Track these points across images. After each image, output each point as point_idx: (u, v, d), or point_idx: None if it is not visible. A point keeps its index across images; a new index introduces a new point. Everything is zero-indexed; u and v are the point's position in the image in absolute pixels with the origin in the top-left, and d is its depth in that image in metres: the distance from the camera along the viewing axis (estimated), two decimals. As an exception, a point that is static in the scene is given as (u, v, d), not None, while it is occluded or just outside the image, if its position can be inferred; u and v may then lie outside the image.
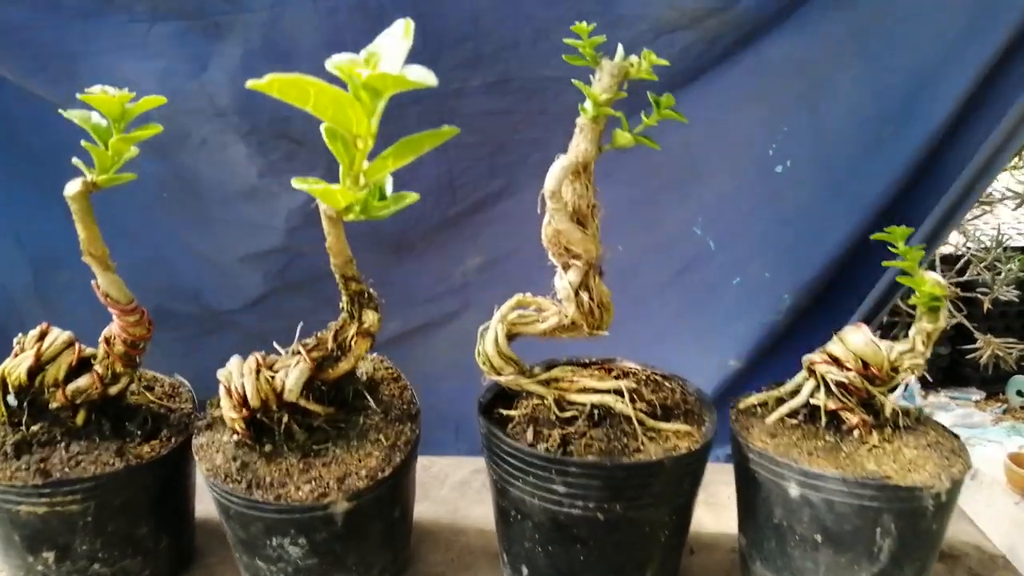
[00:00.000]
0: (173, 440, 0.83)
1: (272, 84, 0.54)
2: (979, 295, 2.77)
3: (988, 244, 2.80)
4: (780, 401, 0.87)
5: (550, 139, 0.92)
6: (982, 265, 2.74)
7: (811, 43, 1.29)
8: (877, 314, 1.30)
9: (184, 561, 0.91)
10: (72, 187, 0.72)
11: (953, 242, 3.08)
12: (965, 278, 2.83)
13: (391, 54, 0.57)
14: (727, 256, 1.41)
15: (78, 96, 0.71)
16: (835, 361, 0.83)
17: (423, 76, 0.54)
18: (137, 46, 1.28)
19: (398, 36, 0.58)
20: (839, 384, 0.82)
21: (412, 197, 0.71)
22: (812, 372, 0.84)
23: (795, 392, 0.86)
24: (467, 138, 1.23)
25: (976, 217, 3.02)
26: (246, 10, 1.20)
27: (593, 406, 0.81)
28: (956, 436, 0.84)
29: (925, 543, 0.77)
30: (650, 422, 0.80)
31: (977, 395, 4.90)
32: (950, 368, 4.80)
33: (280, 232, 1.39)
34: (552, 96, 1.29)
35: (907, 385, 4.64)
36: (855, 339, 0.82)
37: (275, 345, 0.84)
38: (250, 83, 0.54)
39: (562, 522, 0.76)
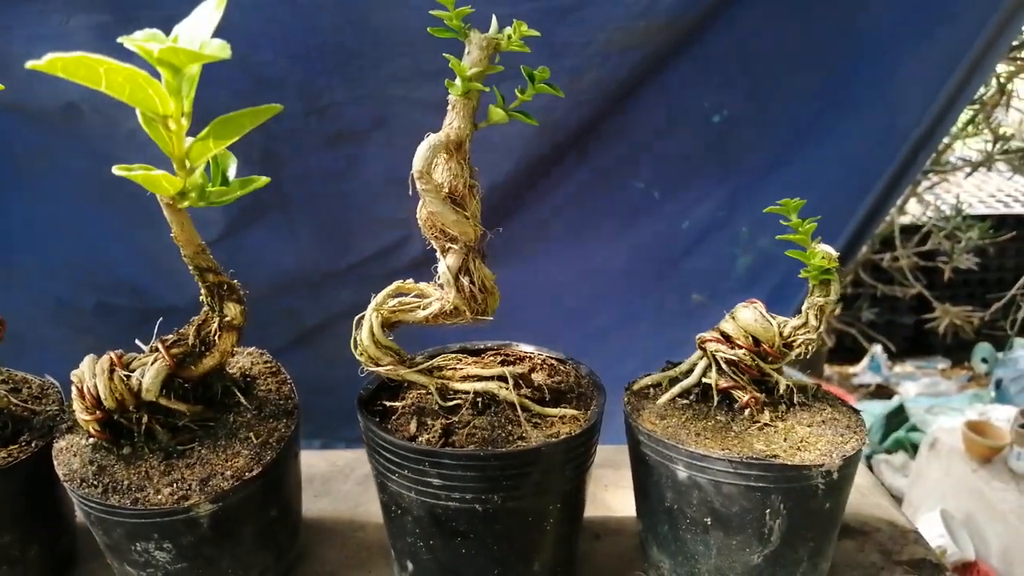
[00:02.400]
0: (34, 444, 0.78)
1: (55, 64, 0.49)
2: (940, 264, 2.77)
3: (948, 213, 2.80)
4: (674, 381, 0.84)
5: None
6: (942, 235, 2.75)
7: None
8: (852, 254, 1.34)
9: (62, 567, 0.87)
10: None
11: (914, 213, 3.09)
12: (927, 247, 2.83)
13: (198, 27, 0.53)
14: (674, 206, 1.44)
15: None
16: (726, 339, 0.80)
17: (218, 49, 0.49)
18: (55, 36, 1.23)
19: (210, 8, 0.54)
20: (729, 362, 0.79)
21: (262, 181, 0.67)
22: (704, 350, 0.81)
23: (689, 372, 0.83)
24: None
25: (934, 185, 3.03)
26: (164, 7, 1.15)
27: (477, 394, 0.78)
28: (856, 411, 0.81)
29: (818, 523, 0.75)
30: (536, 408, 0.77)
31: (943, 363, 4.95)
32: (915, 338, 4.84)
33: (220, 224, 1.36)
34: None
35: (873, 356, 4.68)
36: (745, 315, 0.79)
37: (137, 342, 0.79)
38: (30, 64, 0.49)
39: (440, 516, 0.73)
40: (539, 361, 0.87)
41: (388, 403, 0.80)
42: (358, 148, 1.39)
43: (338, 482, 1.04)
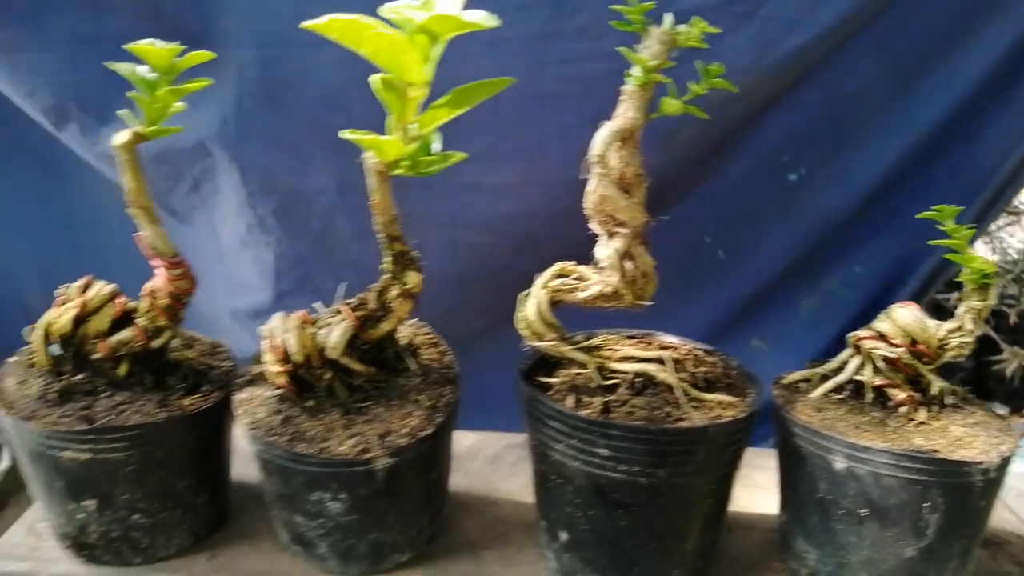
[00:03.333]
0: (214, 395, 0.83)
1: (331, 25, 0.54)
2: (1004, 308, 2.73)
3: (1016, 256, 2.77)
4: (824, 378, 0.85)
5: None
6: (1009, 277, 2.71)
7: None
8: (922, 298, 1.31)
9: (220, 520, 0.91)
10: (120, 137, 0.73)
11: (981, 255, 3.03)
12: None
13: (449, 2, 0.57)
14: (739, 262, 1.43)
15: (126, 47, 0.71)
16: (882, 337, 0.82)
17: (483, 18, 0.53)
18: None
19: (457, -16, 0.58)
20: (886, 360, 0.81)
21: (459, 156, 0.71)
22: (858, 348, 0.83)
23: (839, 369, 0.85)
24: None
25: (1002, 228, 2.98)
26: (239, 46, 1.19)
27: (635, 375, 0.80)
28: (1003, 416, 0.82)
29: (972, 521, 0.76)
30: (693, 392, 0.79)
31: (1002, 409, 4.84)
32: (974, 381, 4.73)
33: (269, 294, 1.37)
34: None
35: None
36: (904, 315, 0.81)
37: (314, 305, 0.84)
38: (306, 23, 0.54)
39: (604, 487, 0.76)
40: (685, 351, 0.89)
41: (544, 379, 0.84)
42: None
43: (467, 460, 1.07)
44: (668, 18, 0.77)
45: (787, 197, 1.37)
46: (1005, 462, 0.74)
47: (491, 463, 1.08)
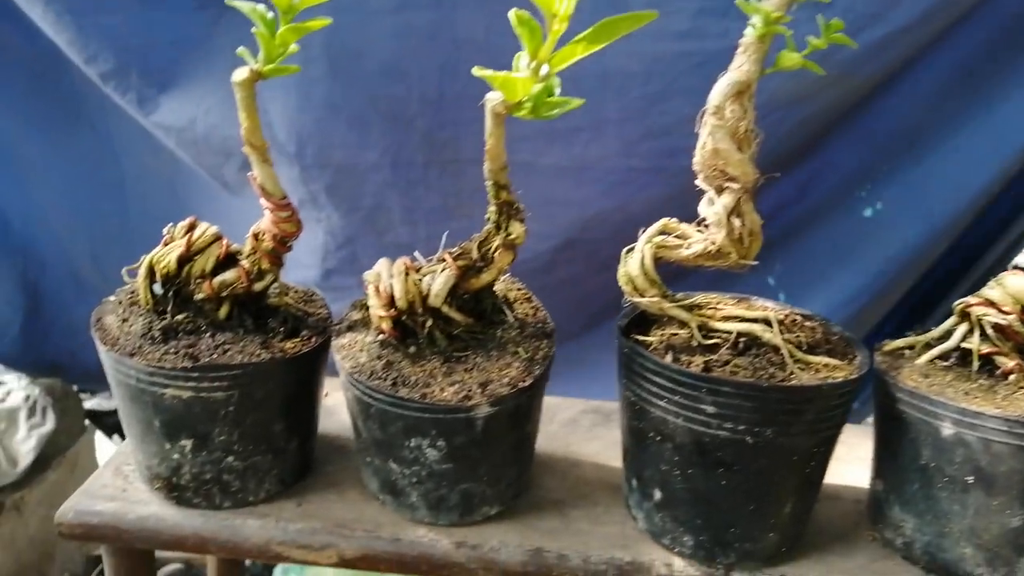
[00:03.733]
0: (313, 340, 0.83)
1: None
2: None
3: None
4: (928, 346, 0.84)
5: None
6: None
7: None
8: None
9: (306, 468, 0.92)
10: (239, 74, 0.73)
11: None
12: None
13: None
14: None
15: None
16: (991, 304, 0.80)
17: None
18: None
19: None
20: (995, 327, 0.79)
21: (577, 101, 0.70)
22: (965, 316, 0.82)
23: (943, 337, 0.83)
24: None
25: None
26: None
27: (739, 335, 0.79)
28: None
29: (1085, 493, 0.74)
30: (798, 353, 0.78)
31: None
32: None
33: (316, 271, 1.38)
34: None
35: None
36: (1015, 282, 0.79)
37: (415, 254, 0.83)
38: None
39: (707, 445, 0.75)
40: (783, 315, 0.88)
41: (640, 337, 0.83)
42: None
43: (544, 423, 1.06)
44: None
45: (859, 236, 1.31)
46: (1121, 435, 0.73)
47: (568, 426, 1.07)
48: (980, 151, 1.22)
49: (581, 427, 1.08)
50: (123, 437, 0.89)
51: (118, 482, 0.90)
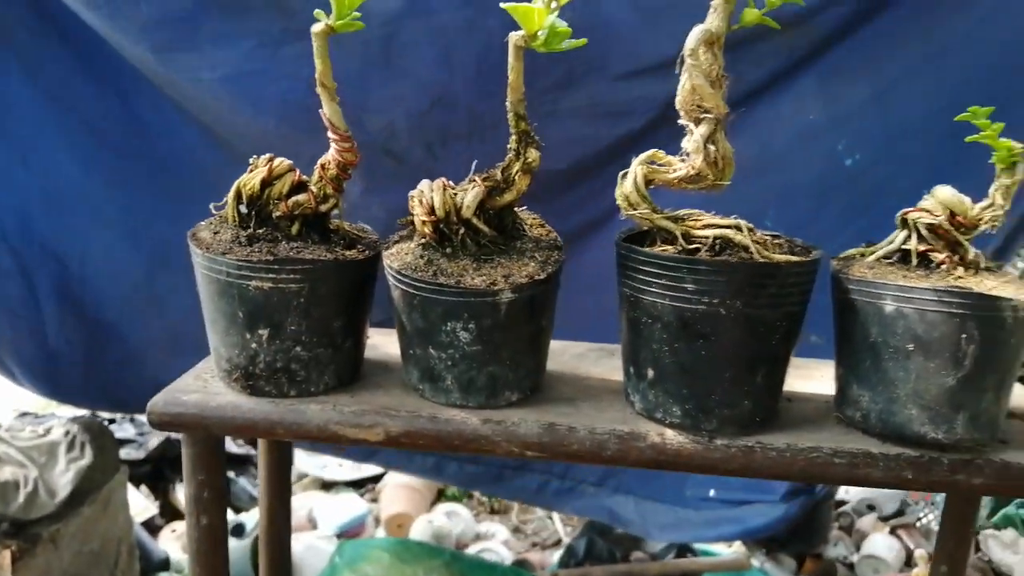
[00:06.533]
0: (367, 252, 1.01)
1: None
2: None
3: None
4: (875, 252, 1.01)
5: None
6: None
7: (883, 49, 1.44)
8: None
9: (356, 371, 1.09)
10: (316, 27, 0.94)
11: None
12: None
13: None
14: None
15: None
16: (925, 212, 0.97)
17: None
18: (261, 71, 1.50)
19: None
20: (929, 228, 0.96)
21: (581, 41, 0.90)
22: (905, 222, 0.98)
23: (889, 244, 1.00)
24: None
25: None
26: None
27: (715, 238, 0.96)
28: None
29: (1004, 354, 0.89)
30: (764, 251, 0.95)
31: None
32: None
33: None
34: None
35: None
36: (943, 192, 0.97)
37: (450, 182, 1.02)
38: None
39: (688, 319, 0.91)
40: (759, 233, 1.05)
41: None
42: None
43: (556, 356, 1.23)
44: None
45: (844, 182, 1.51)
46: (1033, 306, 0.88)
47: (577, 358, 1.24)
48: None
49: (588, 359, 1.24)
50: (149, 488, 1.06)
51: (198, 383, 1.07)
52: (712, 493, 1.95)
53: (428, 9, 1.39)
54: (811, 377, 1.16)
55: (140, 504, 2.61)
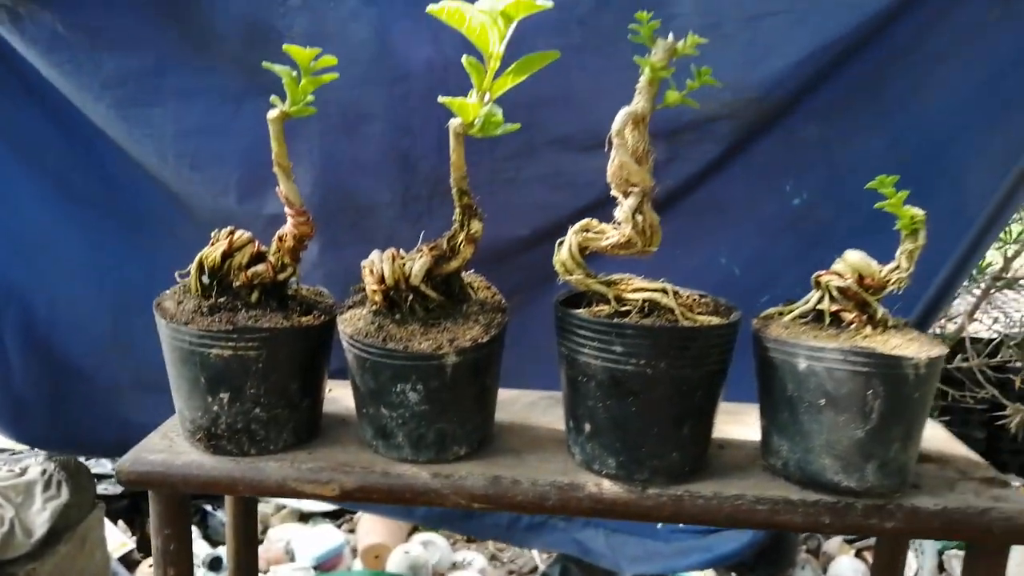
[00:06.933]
0: (322, 318, 1.08)
1: (442, 11, 0.82)
2: (1011, 377, 2.84)
3: (1020, 327, 2.90)
4: (792, 311, 1.09)
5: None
6: (1013, 344, 2.86)
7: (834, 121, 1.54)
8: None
9: (314, 429, 1.15)
10: (272, 114, 1.01)
11: (986, 324, 3.19)
12: (997, 360, 2.93)
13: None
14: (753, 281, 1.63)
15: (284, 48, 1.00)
16: (837, 275, 1.05)
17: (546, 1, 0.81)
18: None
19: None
20: (840, 289, 1.04)
21: (514, 126, 0.98)
22: (819, 284, 1.07)
23: (806, 304, 1.08)
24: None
25: (1007, 302, 3.16)
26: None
27: (644, 301, 1.04)
28: (942, 338, 1.04)
29: (909, 408, 0.97)
30: (689, 314, 1.03)
31: (1018, 482, 4.87)
32: (987, 453, 4.73)
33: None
34: None
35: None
36: (853, 256, 1.05)
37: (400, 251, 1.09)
38: (430, 8, 0.81)
39: (619, 378, 0.99)
40: (685, 294, 1.13)
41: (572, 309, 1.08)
42: None
43: (508, 405, 1.30)
44: (671, 36, 1.05)
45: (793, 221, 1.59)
46: (933, 363, 0.96)
47: (528, 408, 1.31)
48: None
49: (539, 407, 1.31)
50: (127, 523, 1.12)
51: (164, 442, 1.14)
52: (681, 524, 2.01)
53: (393, 78, 1.47)
54: (745, 423, 1.24)
55: (118, 539, 2.64)
